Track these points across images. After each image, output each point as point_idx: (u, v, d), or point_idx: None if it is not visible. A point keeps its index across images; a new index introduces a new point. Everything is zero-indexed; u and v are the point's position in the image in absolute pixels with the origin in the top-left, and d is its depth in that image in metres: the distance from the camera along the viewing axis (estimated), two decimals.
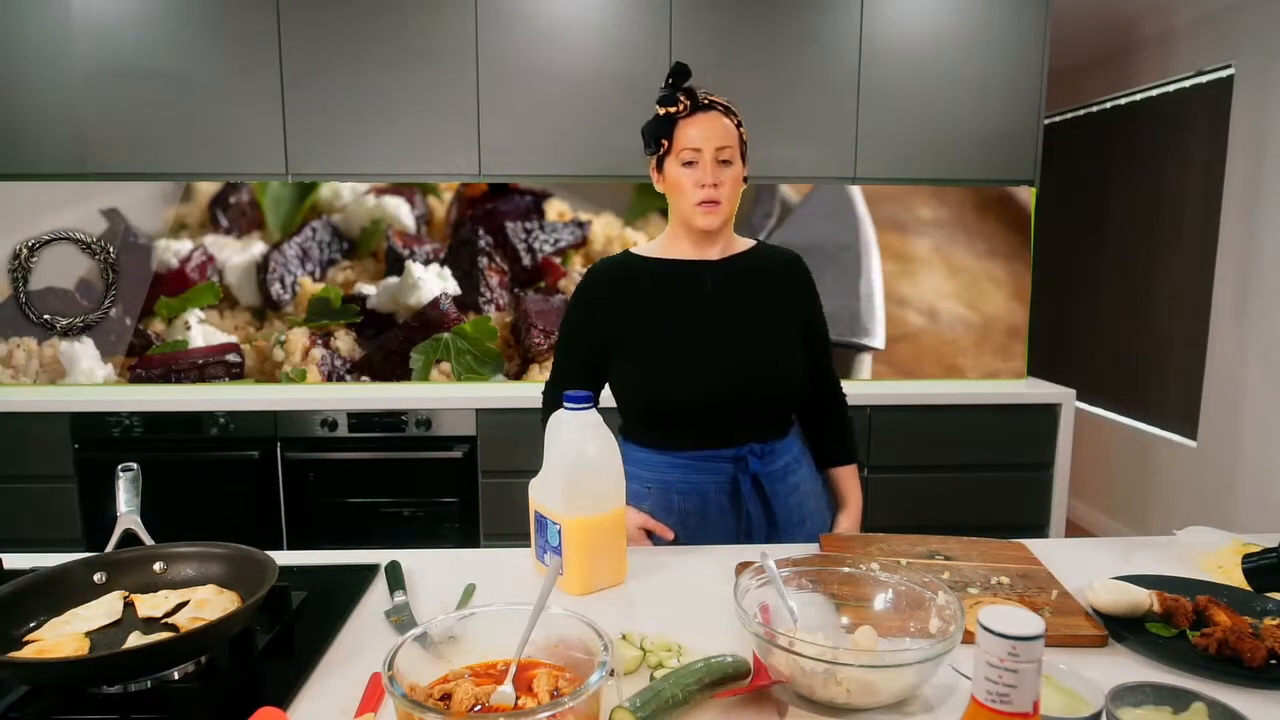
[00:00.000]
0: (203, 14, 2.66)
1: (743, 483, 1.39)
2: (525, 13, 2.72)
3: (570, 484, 1.16)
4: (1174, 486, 3.48)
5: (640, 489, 1.42)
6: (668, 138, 1.36)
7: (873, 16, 2.78)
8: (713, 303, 1.40)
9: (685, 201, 1.36)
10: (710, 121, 1.34)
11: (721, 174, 1.34)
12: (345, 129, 2.75)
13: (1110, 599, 1.07)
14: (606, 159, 2.81)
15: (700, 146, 1.33)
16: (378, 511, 2.73)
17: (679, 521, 1.41)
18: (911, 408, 2.76)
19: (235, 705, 0.86)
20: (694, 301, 1.40)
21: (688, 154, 1.34)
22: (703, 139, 1.33)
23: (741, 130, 1.38)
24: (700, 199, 1.34)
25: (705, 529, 1.40)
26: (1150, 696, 0.79)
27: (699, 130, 1.33)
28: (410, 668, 0.80)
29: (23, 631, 0.95)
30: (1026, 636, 0.57)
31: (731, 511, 1.41)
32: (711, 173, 1.33)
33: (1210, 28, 3.23)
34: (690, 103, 1.34)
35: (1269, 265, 2.95)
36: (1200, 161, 3.34)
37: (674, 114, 1.35)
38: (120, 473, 1.18)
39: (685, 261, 1.42)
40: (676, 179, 1.36)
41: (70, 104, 2.68)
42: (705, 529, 1.40)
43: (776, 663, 0.87)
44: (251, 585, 0.99)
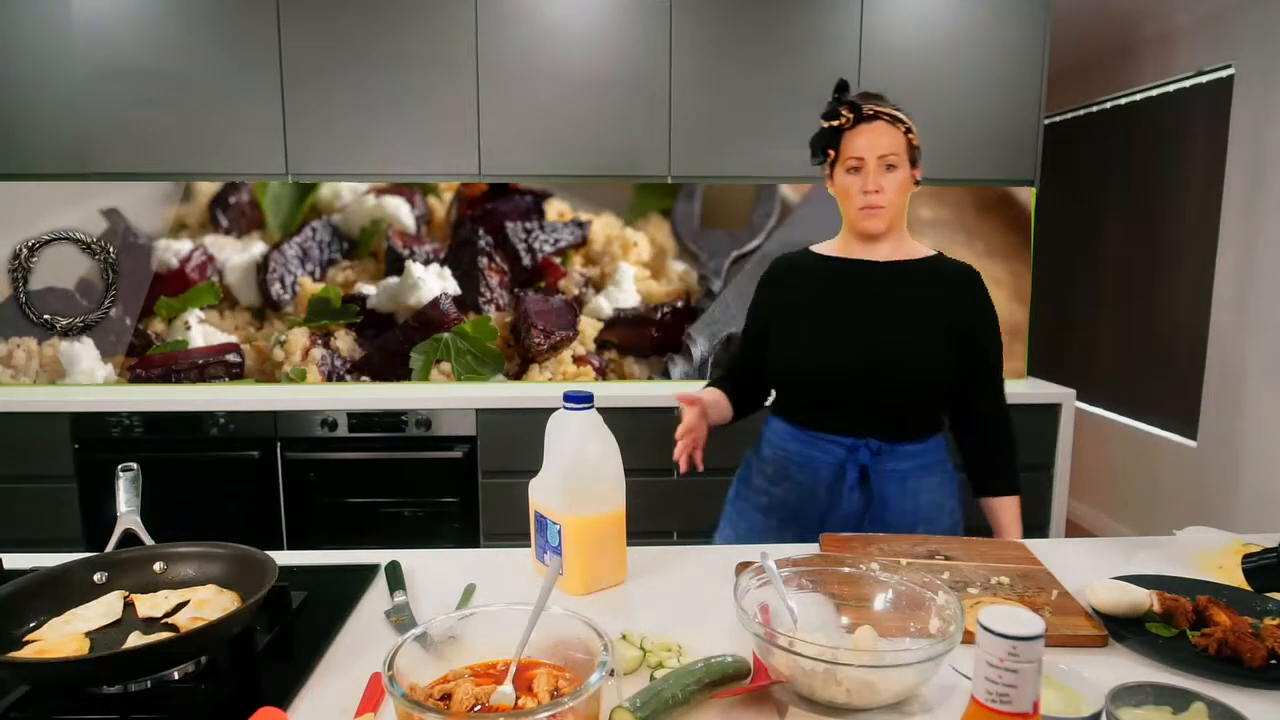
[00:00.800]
0: (203, 14, 2.66)
1: (849, 471, 1.43)
2: (525, 13, 2.72)
3: (570, 484, 1.16)
4: (1174, 486, 3.48)
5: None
6: (834, 148, 1.44)
7: (873, 17, 2.78)
8: (864, 297, 1.46)
9: (851, 206, 1.45)
10: (874, 131, 1.40)
11: (885, 179, 1.40)
12: (345, 129, 2.75)
13: (1110, 599, 1.07)
14: (606, 159, 2.81)
15: (864, 155, 1.40)
16: (378, 511, 2.73)
17: (790, 492, 1.48)
18: None
19: (235, 705, 0.86)
20: (846, 293, 1.47)
21: (852, 162, 1.41)
22: (866, 148, 1.40)
23: (910, 136, 1.43)
24: (863, 204, 1.42)
25: (811, 507, 1.46)
26: (1150, 696, 0.79)
27: (863, 139, 1.40)
28: (410, 668, 0.80)
29: (23, 631, 0.95)
30: (1026, 636, 0.57)
31: (839, 497, 1.45)
32: (874, 179, 1.40)
33: (1210, 28, 3.23)
34: (854, 115, 1.41)
35: (1269, 265, 2.95)
36: (1200, 161, 3.34)
37: (839, 126, 1.42)
38: (120, 473, 1.18)
39: (851, 260, 1.49)
40: (844, 186, 1.44)
41: (70, 104, 2.68)
42: (811, 507, 1.46)
43: (776, 663, 0.87)
44: (251, 585, 0.99)
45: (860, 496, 1.44)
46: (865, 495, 1.44)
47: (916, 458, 1.46)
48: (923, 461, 1.47)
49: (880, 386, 1.41)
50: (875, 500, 1.44)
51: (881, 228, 1.44)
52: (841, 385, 1.43)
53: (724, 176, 2.86)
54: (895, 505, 1.45)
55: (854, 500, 1.44)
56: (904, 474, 1.45)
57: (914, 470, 1.45)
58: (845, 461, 1.44)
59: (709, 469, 2.79)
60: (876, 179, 1.40)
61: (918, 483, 1.46)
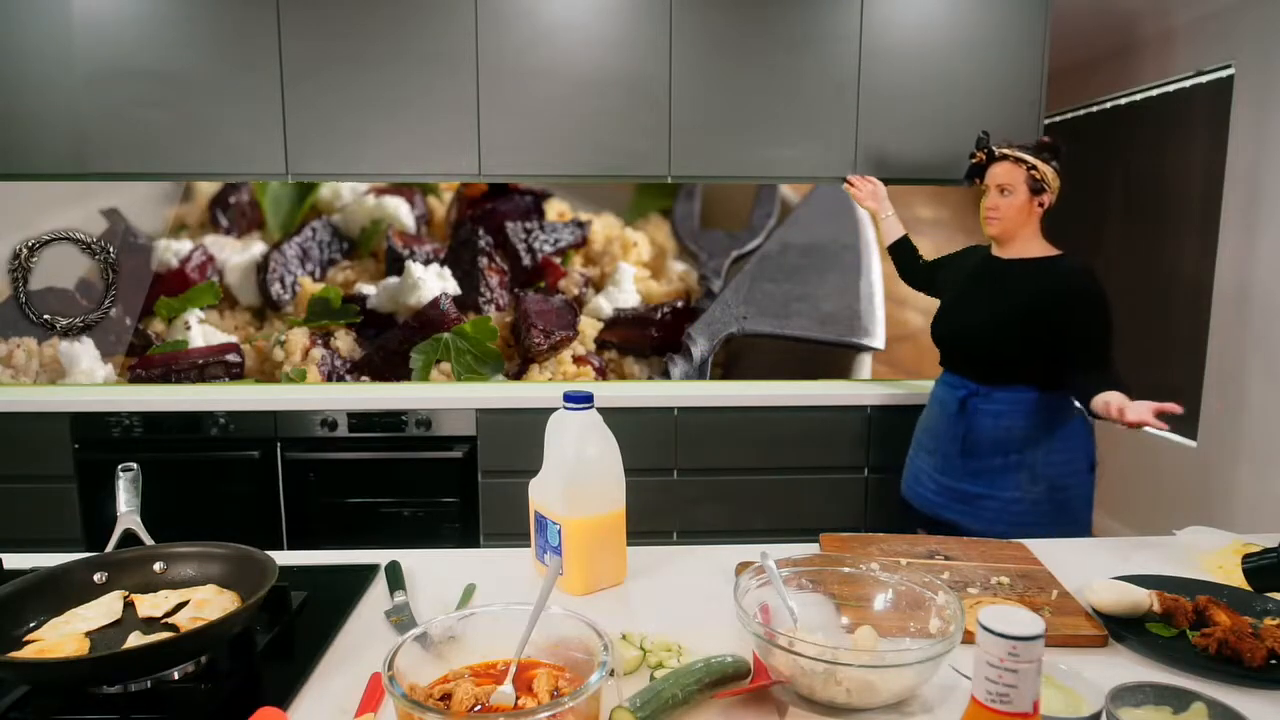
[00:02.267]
0: (203, 14, 2.66)
1: (952, 402, 1.98)
2: (525, 13, 2.72)
3: (570, 484, 1.17)
4: (1174, 486, 3.48)
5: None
6: (980, 178, 2.00)
7: (873, 16, 2.78)
8: (980, 282, 2.01)
9: (980, 217, 1.99)
10: (999, 166, 1.93)
11: (1000, 200, 1.92)
12: (345, 129, 2.74)
13: (1110, 599, 1.07)
14: (606, 159, 2.81)
15: (989, 183, 1.95)
16: (378, 511, 2.73)
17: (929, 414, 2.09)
18: (912, 408, 2.75)
19: (235, 705, 0.86)
20: (972, 278, 2.04)
21: (983, 186, 1.98)
22: (990, 177, 1.95)
23: (1033, 172, 1.89)
24: (983, 216, 1.97)
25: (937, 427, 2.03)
26: (1150, 696, 0.79)
27: (992, 171, 1.95)
28: (410, 668, 0.80)
29: (23, 631, 0.95)
30: (1026, 636, 0.57)
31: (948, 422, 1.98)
32: (991, 199, 1.94)
33: (1210, 28, 3.23)
34: (985, 156, 1.98)
35: (1269, 265, 2.95)
36: (1200, 161, 3.34)
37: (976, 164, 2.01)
38: (120, 473, 1.18)
39: (987, 257, 2.04)
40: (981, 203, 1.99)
41: (70, 104, 2.68)
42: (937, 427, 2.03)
43: (776, 663, 0.87)
44: (251, 585, 0.99)
45: (962, 423, 1.94)
46: (965, 422, 1.94)
47: (1010, 403, 1.89)
48: (1018, 407, 1.89)
49: (968, 345, 1.98)
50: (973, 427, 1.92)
51: (994, 233, 1.96)
52: (949, 340, 2.04)
53: (724, 176, 2.86)
54: (988, 435, 1.91)
55: (959, 425, 1.95)
56: (995, 413, 1.90)
57: (1006, 411, 1.90)
58: (952, 397, 1.97)
59: (707, 469, 2.81)
60: (993, 199, 1.93)
61: (1010, 421, 1.89)
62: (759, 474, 2.77)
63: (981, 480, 1.91)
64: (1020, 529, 1.78)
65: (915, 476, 2.09)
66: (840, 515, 2.79)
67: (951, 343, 2.03)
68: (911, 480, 2.11)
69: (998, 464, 1.89)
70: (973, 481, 1.92)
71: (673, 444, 2.74)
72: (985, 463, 1.91)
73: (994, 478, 1.89)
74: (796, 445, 2.77)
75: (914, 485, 2.09)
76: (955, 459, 1.95)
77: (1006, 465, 1.88)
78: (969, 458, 1.93)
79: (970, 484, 1.92)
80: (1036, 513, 1.86)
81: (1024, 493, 1.86)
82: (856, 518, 2.80)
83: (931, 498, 2.00)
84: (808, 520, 2.77)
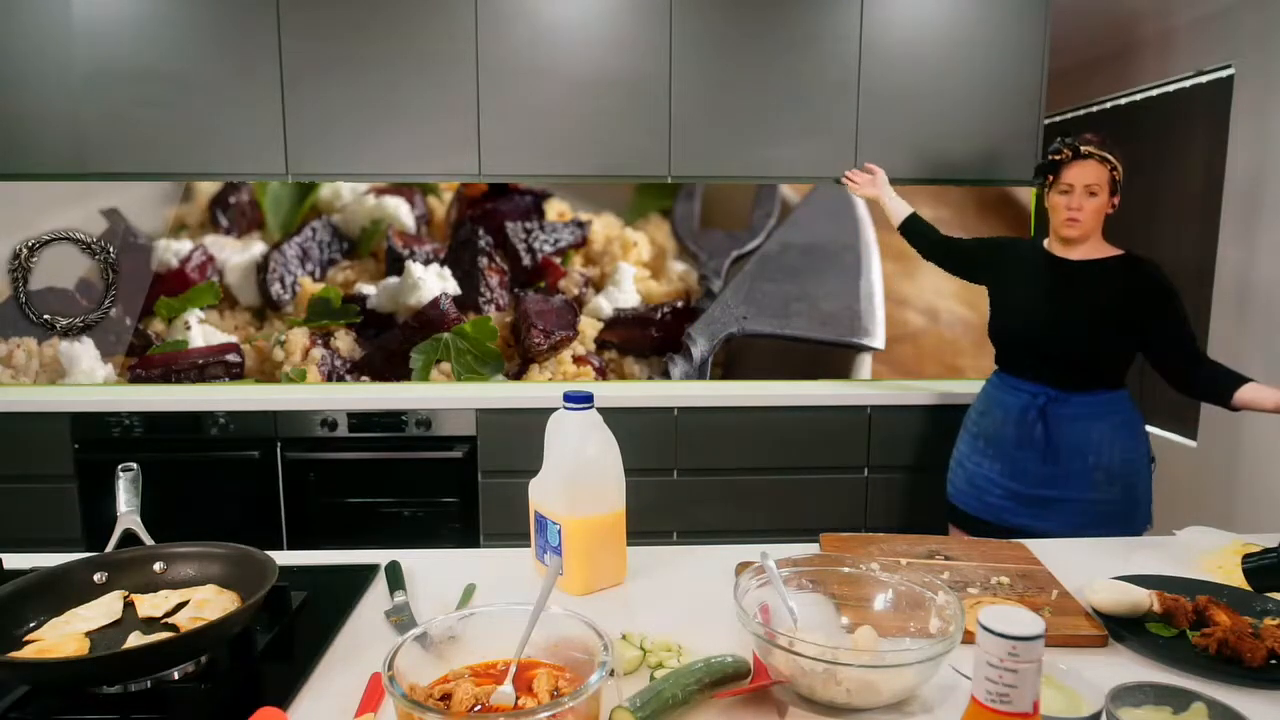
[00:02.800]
0: (203, 14, 2.66)
1: (1030, 409, 1.90)
2: (525, 13, 2.72)
3: (570, 484, 1.17)
4: (1174, 486, 3.48)
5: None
6: (1054, 174, 1.89)
7: (873, 16, 2.78)
8: (1053, 283, 1.93)
9: (1058, 218, 1.91)
10: (1084, 166, 1.85)
11: (1086, 202, 1.86)
12: (345, 129, 2.74)
13: (1110, 599, 1.07)
14: (606, 159, 2.81)
15: (1074, 182, 1.86)
16: (378, 511, 2.73)
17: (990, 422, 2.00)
18: (911, 408, 2.76)
19: (235, 705, 0.86)
20: (1039, 278, 1.96)
21: (1064, 186, 1.87)
22: (1077, 177, 1.85)
23: (1114, 173, 1.87)
24: (1065, 217, 1.88)
25: (1004, 433, 1.95)
26: (1150, 696, 0.79)
27: (1075, 171, 1.86)
28: (410, 668, 0.80)
29: (23, 631, 0.95)
30: (1026, 636, 0.57)
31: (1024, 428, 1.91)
32: (1078, 200, 1.86)
33: (1210, 28, 3.23)
34: (1071, 153, 1.86)
35: (1269, 265, 2.95)
36: (1200, 162, 3.34)
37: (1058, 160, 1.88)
38: (120, 473, 1.18)
39: (1053, 256, 1.96)
40: (1055, 203, 1.90)
41: (70, 104, 2.68)
42: (1004, 433, 1.95)
43: (776, 663, 0.87)
44: (251, 585, 0.99)
45: (1042, 429, 1.88)
46: (1045, 429, 1.88)
47: (1089, 406, 1.87)
48: (1095, 410, 1.87)
49: (1053, 350, 1.89)
50: (1053, 433, 1.88)
51: (1075, 236, 1.89)
52: (1027, 345, 1.94)
53: (724, 176, 2.86)
54: (1069, 441, 1.87)
55: (1038, 431, 1.89)
56: (1074, 416, 1.87)
57: (1085, 414, 1.87)
58: (1028, 404, 1.91)
59: (707, 469, 2.81)
60: (1080, 201, 1.85)
61: (1089, 425, 1.86)
62: (759, 474, 2.77)
63: (1059, 485, 1.88)
64: (1093, 529, 1.80)
65: (973, 482, 2.02)
66: (840, 515, 2.79)
67: (1026, 345, 1.95)
68: (966, 486, 2.04)
69: (1076, 467, 1.87)
70: (1049, 486, 1.89)
71: (673, 444, 2.74)
72: (1064, 467, 1.88)
73: (1071, 481, 1.87)
74: (796, 445, 2.77)
75: (973, 492, 2.02)
76: (1032, 465, 1.90)
77: (1085, 468, 1.87)
78: (1050, 464, 1.89)
79: (1048, 489, 1.89)
80: (1110, 511, 1.87)
81: (1099, 493, 1.87)
82: (856, 518, 2.80)
83: (999, 503, 1.96)
84: (808, 520, 2.77)
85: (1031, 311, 1.94)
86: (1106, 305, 1.85)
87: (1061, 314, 1.89)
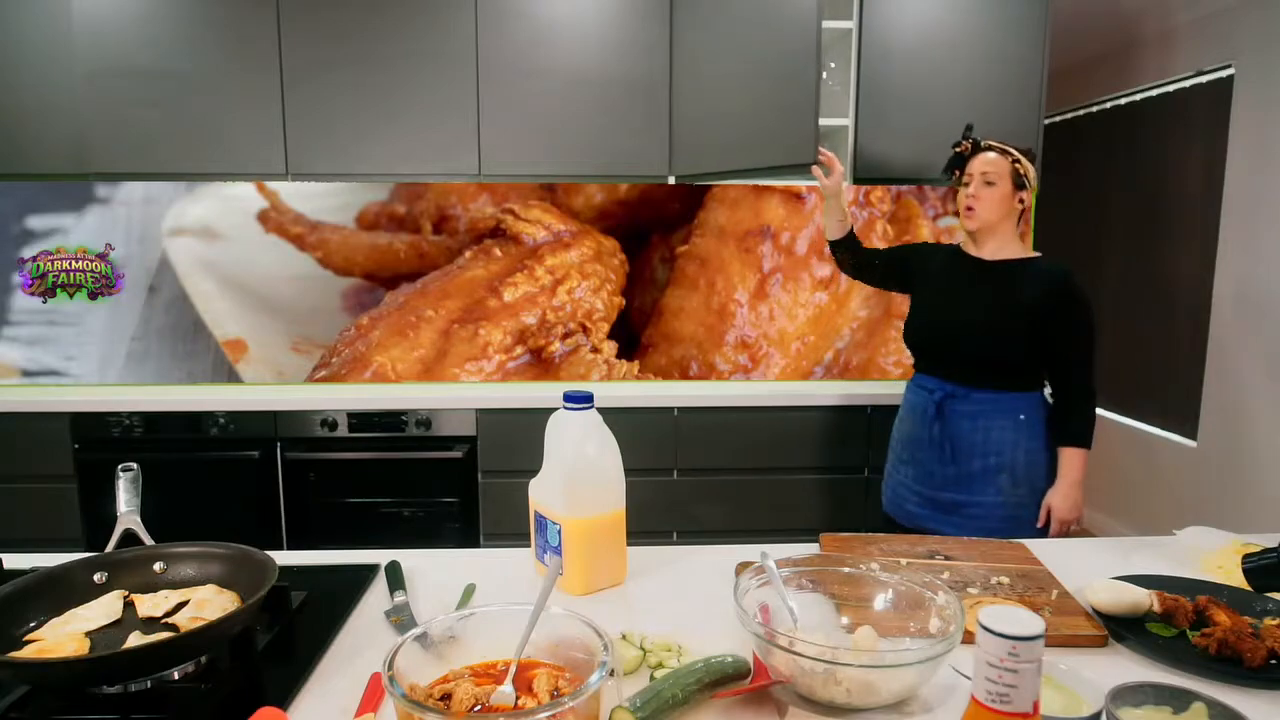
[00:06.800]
0: (203, 14, 2.66)
1: (929, 406, 1.89)
2: (525, 13, 2.72)
3: (570, 484, 1.17)
4: (1174, 486, 3.48)
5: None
6: (960, 170, 1.91)
7: (873, 16, 2.78)
8: (960, 281, 1.91)
9: (960, 210, 1.89)
10: (983, 157, 1.85)
11: (982, 190, 1.84)
12: (345, 129, 2.74)
13: (1110, 599, 1.07)
14: (607, 159, 2.81)
15: (972, 173, 1.86)
16: (378, 511, 2.73)
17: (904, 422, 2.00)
18: None
19: (235, 705, 0.86)
20: (947, 277, 1.95)
21: (965, 179, 1.88)
22: (974, 168, 1.86)
23: (1017, 165, 1.83)
24: (964, 206, 1.87)
25: (913, 435, 1.94)
26: (1150, 696, 0.79)
27: (975, 163, 1.86)
28: (410, 668, 0.80)
29: (23, 631, 0.95)
30: (1026, 636, 0.57)
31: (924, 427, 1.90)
32: (975, 189, 1.84)
33: (1210, 28, 3.23)
34: (971, 145, 1.90)
35: (1269, 265, 2.95)
36: (1200, 162, 3.34)
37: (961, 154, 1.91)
38: (120, 473, 1.18)
39: (963, 255, 1.95)
40: (960, 197, 1.89)
41: (70, 104, 2.67)
42: (913, 435, 1.94)
43: (776, 663, 0.87)
44: (251, 585, 0.99)
45: (939, 427, 1.87)
46: (942, 427, 1.86)
47: (989, 403, 1.84)
48: (996, 407, 1.83)
49: (953, 348, 1.88)
50: (951, 430, 1.86)
51: (973, 227, 1.87)
52: (932, 343, 1.94)
53: (724, 176, 2.86)
54: (966, 438, 1.84)
55: (936, 429, 1.87)
56: (973, 414, 1.84)
57: (984, 411, 1.84)
58: (927, 401, 1.90)
59: (707, 469, 2.80)
60: (976, 188, 1.84)
61: (988, 421, 1.83)
62: (759, 474, 2.77)
63: (963, 487, 1.84)
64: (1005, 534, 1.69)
65: (895, 490, 2.00)
66: (840, 515, 2.79)
67: (932, 345, 1.94)
68: (891, 494, 2.02)
69: (978, 468, 1.83)
70: (955, 489, 1.85)
71: (673, 444, 2.74)
72: (965, 468, 1.84)
73: (975, 483, 1.83)
74: (796, 445, 2.77)
75: (895, 499, 2.00)
76: (934, 466, 1.88)
77: (986, 469, 1.83)
78: (949, 464, 1.86)
79: (953, 492, 1.85)
80: (1020, 515, 1.82)
81: (1006, 496, 1.82)
82: (856, 518, 2.80)
83: (914, 510, 1.93)
84: (808, 520, 2.77)
85: (937, 309, 1.94)
86: (1010, 304, 1.81)
87: (963, 311, 1.87)
